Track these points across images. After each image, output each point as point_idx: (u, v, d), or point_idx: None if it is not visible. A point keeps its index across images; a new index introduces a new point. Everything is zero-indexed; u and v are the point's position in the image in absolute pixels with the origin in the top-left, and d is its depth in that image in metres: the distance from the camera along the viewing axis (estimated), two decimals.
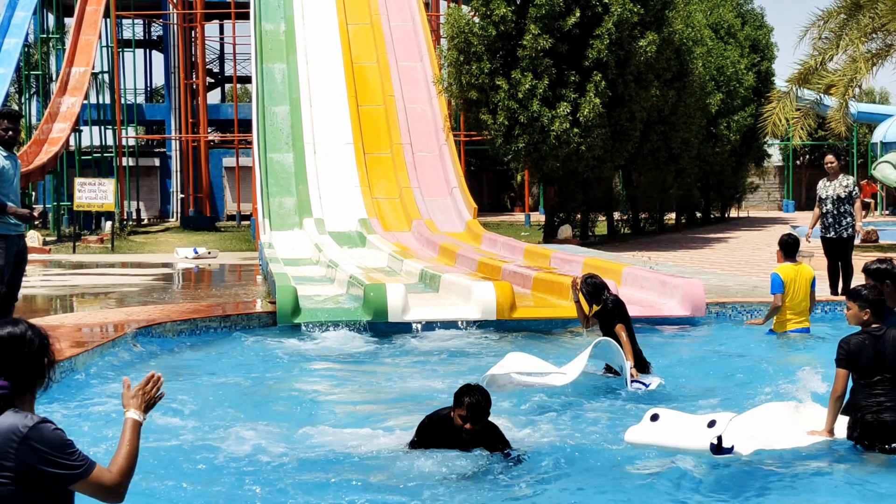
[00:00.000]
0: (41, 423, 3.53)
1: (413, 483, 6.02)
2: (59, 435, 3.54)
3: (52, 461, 3.48)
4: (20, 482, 3.48)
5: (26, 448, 3.47)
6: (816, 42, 21.94)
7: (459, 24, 26.53)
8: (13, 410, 3.57)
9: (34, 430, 3.50)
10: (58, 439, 3.52)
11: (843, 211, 13.98)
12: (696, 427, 6.14)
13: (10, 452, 3.47)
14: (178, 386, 9.05)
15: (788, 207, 53.37)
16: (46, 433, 3.51)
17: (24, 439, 3.48)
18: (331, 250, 20.46)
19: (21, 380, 3.61)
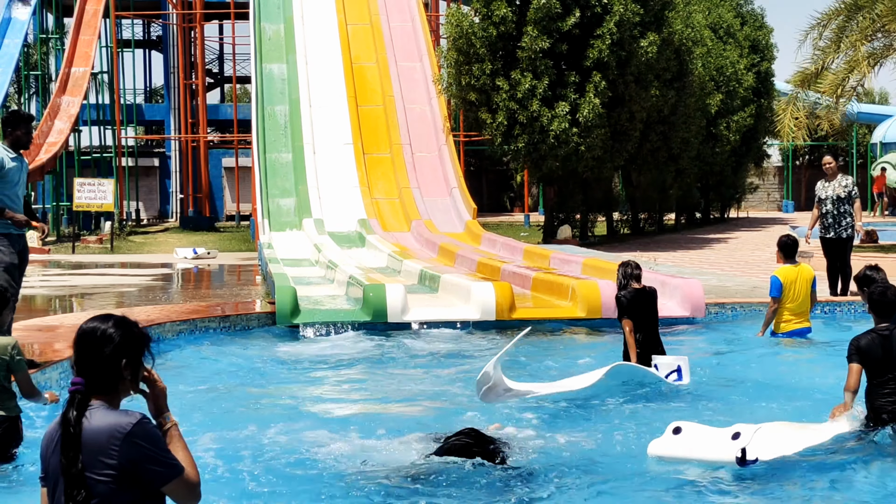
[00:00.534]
0: (143, 421, 3.54)
1: (418, 486, 6.00)
2: (158, 433, 3.56)
3: (153, 458, 3.49)
4: (120, 480, 3.48)
5: (130, 445, 3.47)
6: (817, 41, 21.94)
7: (462, 24, 26.50)
8: (107, 408, 3.56)
9: (138, 427, 3.50)
10: (158, 437, 3.55)
11: (842, 211, 13.98)
12: (720, 439, 6.10)
13: (113, 450, 3.46)
14: (177, 386, 9.05)
15: (788, 208, 53.38)
16: (149, 430, 3.53)
17: (128, 436, 3.47)
18: (330, 251, 20.45)
19: (96, 378, 3.59)
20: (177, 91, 43.30)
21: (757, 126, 39.21)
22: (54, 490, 3.55)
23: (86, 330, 3.61)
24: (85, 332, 3.60)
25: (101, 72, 40.82)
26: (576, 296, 12.70)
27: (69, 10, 40.81)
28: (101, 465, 3.46)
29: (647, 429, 7.08)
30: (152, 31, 51.56)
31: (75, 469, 3.46)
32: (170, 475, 3.52)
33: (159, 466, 3.50)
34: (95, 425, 3.48)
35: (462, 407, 8.07)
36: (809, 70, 22.00)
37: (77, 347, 3.62)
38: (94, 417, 3.51)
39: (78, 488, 3.46)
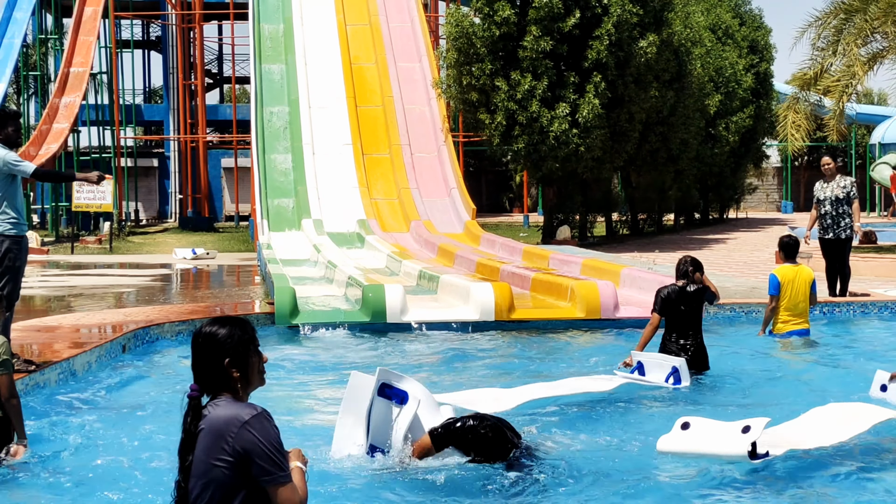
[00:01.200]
0: (263, 416, 3.60)
1: (419, 490, 6.00)
2: (276, 434, 3.60)
3: (264, 454, 3.54)
4: (235, 470, 3.54)
5: (244, 434, 3.53)
6: (816, 42, 21.96)
7: (463, 24, 26.50)
8: (231, 401, 3.65)
9: (256, 420, 3.57)
10: (275, 437, 3.59)
11: (841, 212, 13.98)
12: (730, 433, 6.09)
13: (230, 437, 3.54)
14: (176, 387, 9.05)
15: (787, 208, 53.41)
16: (267, 426, 3.58)
17: (245, 425, 3.54)
18: (329, 251, 20.45)
19: (209, 383, 3.68)
20: (176, 91, 43.30)
21: (756, 127, 39.25)
22: None
23: (201, 336, 3.72)
24: (200, 339, 3.72)
25: (100, 72, 40.82)
26: (575, 296, 12.70)
27: (68, 11, 40.81)
28: (218, 451, 3.55)
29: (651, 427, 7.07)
30: (151, 31, 51.57)
31: (184, 466, 3.62)
32: (276, 478, 3.55)
33: (267, 463, 3.54)
34: (218, 414, 3.59)
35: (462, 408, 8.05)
36: (808, 73, 22.03)
37: (196, 351, 3.73)
38: (219, 407, 3.61)
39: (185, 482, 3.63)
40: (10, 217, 8.53)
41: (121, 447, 6.86)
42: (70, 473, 6.27)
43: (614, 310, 12.45)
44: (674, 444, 6.23)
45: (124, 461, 6.51)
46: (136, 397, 8.52)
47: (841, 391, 8.33)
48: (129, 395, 8.63)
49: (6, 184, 8.56)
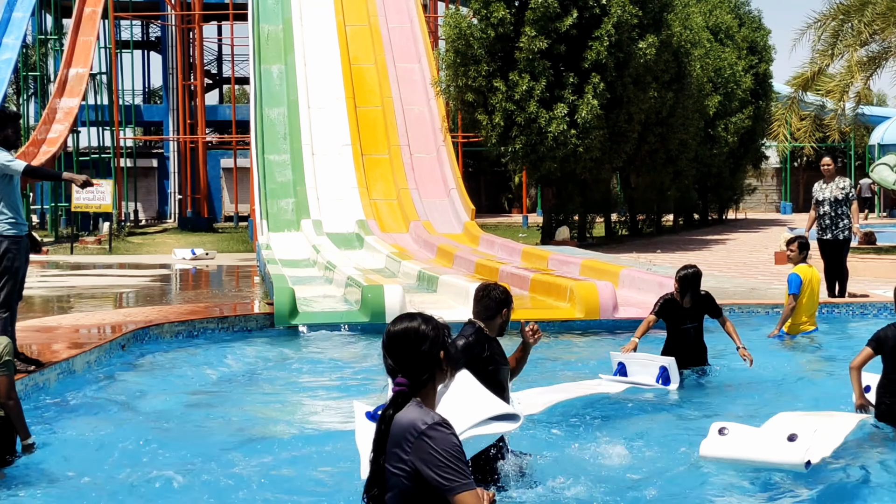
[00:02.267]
0: (441, 425, 3.52)
1: None
2: (454, 441, 3.52)
3: (440, 464, 3.47)
4: (411, 477, 3.50)
5: (421, 444, 3.48)
6: (816, 44, 21.98)
7: (460, 25, 26.51)
8: (417, 405, 3.59)
9: (433, 429, 3.50)
10: (453, 445, 3.51)
11: (840, 213, 13.99)
12: (775, 440, 6.04)
13: (406, 446, 3.50)
14: (176, 388, 9.06)
15: (786, 209, 53.42)
16: (444, 435, 3.50)
17: (421, 435, 3.49)
18: (328, 252, 20.46)
19: (417, 376, 3.63)
20: (175, 92, 43.30)
21: (755, 128, 39.24)
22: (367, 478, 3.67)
23: (403, 330, 3.67)
24: (405, 333, 3.67)
25: (99, 73, 40.81)
26: (574, 297, 12.71)
27: (68, 11, 40.80)
28: (396, 458, 3.53)
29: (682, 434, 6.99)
30: (151, 31, 51.57)
31: (377, 464, 3.58)
32: (451, 486, 3.47)
33: (443, 472, 3.47)
34: (400, 420, 3.55)
35: None
36: (807, 74, 22.03)
37: (395, 349, 3.68)
38: (402, 413, 3.57)
39: (374, 484, 3.58)
40: (8, 217, 8.53)
41: (120, 447, 6.87)
42: (69, 473, 6.27)
43: (613, 310, 12.46)
44: (717, 449, 6.14)
45: (123, 461, 6.52)
46: (136, 397, 8.53)
47: (844, 390, 8.34)
48: (128, 395, 8.63)
49: (3, 184, 8.56)
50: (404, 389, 3.59)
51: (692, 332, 8.96)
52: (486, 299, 6.63)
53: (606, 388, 8.37)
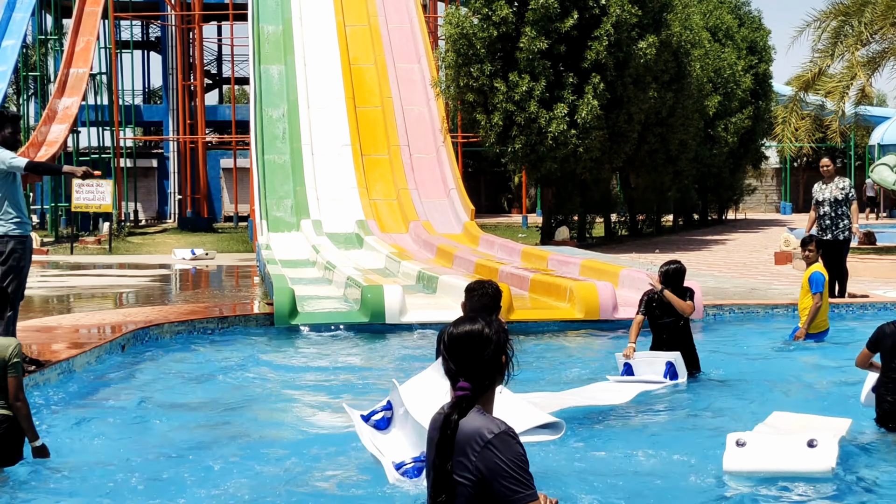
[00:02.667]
0: (507, 434, 3.48)
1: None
2: (519, 450, 3.49)
3: (506, 474, 3.44)
4: (477, 486, 3.47)
5: (487, 454, 3.45)
6: (816, 44, 21.98)
7: (462, 24, 26.51)
8: (479, 412, 3.54)
9: (498, 439, 3.46)
10: (518, 455, 3.47)
11: (840, 213, 14.01)
12: (797, 448, 6.01)
13: (473, 454, 3.46)
14: (176, 388, 9.06)
15: (786, 209, 53.44)
16: (510, 444, 3.47)
17: (488, 444, 3.45)
18: (328, 252, 20.47)
19: (480, 380, 3.58)
20: (175, 92, 43.31)
21: (755, 128, 39.26)
22: (428, 483, 3.63)
23: (466, 333, 3.60)
24: (468, 336, 3.60)
25: (99, 73, 40.81)
26: (574, 297, 12.71)
27: (68, 12, 40.80)
28: (462, 467, 3.48)
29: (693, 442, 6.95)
30: (151, 32, 51.58)
31: (444, 470, 3.52)
32: (515, 497, 3.44)
33: (509, 482, 3.44)
34: (465, 427, 3.50)
35: None
36: (808, 75, 22.03)
37: (457, 352, 3.60)
38: (466, 420, 3.52)
39: (442, 490, 3.52)
40: (13, 217, 8.54)
41: (120, 447, 6.87)
42: (69, 474, 6.27)
43: (613, 311, 12.46)
44: (740, 463, 6.07)
45: (123, 461, 6.52)
46: (135, 398, 8.53)
47: (847, 389, 8.34)
48: (128, 395, 8.64)
49: (7, 183, 8.57)
50: (467, 394, 3.54)
51: (670, 325, 8.92)
52: (483, 297, 6.51)
53: (615, 394, 8.29)
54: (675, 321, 8.96)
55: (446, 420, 3.52)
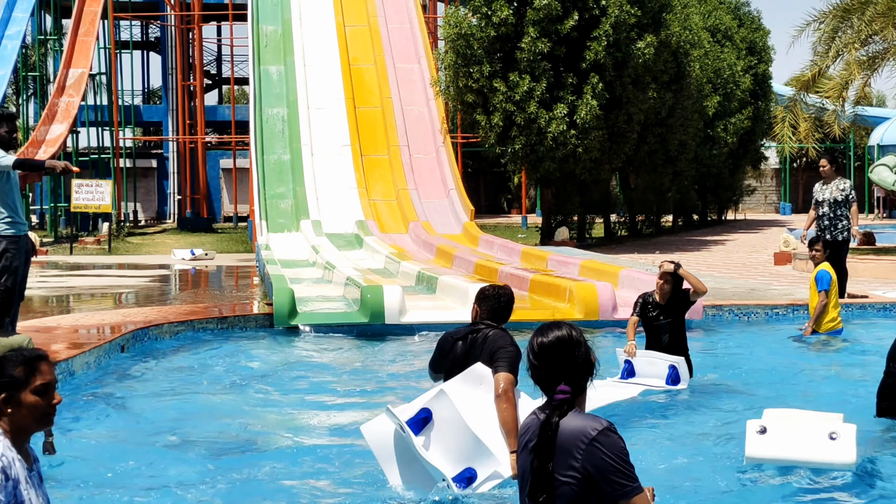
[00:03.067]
0: (610, 430, 3.56)
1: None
2: (622, 445, 3.56)
3: (613, 469, 3.51)
4: (582, 484, 3.53)
5: (592, 451, 3.51)
6: (816, 45, 21.97)
7: (461, 25, 26.51)
8: (577, 412, 3.62)
9: (603, 435, 3.54)
10: (622, 449, 3.55)
11: (839, 214, 14.02)
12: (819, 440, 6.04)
13: (577, 453, 3.52)
14: (175, 388, 9.06)
15: (785, 210, 53.45)
16: (614, 440, 3.55)
17: (593, 442, 3.52)
18: (328, 252, 20.46)
19: (577, 382, 3.66)
20: (175, 92, 43.30)
21: (754, 128, 39.26)
22: (524, 486, 3.67)
23: (558, 339, 3.69)
24: (559, 341, 3.68)
25: (99, 73, 40.81)
26: (573, 297, 12.71)
27: (67, 12, 40.79)
28: (565, 466, 3.54)
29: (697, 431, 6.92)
30: (150, 32, 51.56)
31: (545, 471, 3.57)
32: (624, 491, 3.52)
33: (617, 477, 3.51)
34: (566, 427, 3.57)
35: None
36: (807, 76, 22.03)
37: (550, 358, 3.68)
38: (565, 421, 3.59)
39: (542, 490, 3.57)
40: (5, 217, 8.53)
41: (118, 448, 6.87)
42: (67, 474, 6.27)
43: (613, 311, 12.46)
44: (762, 450, 6.11)
45: (121, 462, 6.52)
46: (135, 398, 8.53)
47: (833, 394, 8.35)
48: (127, 395, 8.64)
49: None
50: (567, 397, 3.62)
51: (665, 328, 8.72)
52: (494, 301, 6.32)
53: (618, 395, 8.29)
54: (671, 322, 8.76)
55: (546, 423, 3.60)
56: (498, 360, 5.81)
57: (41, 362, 3.78)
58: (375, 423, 5.88)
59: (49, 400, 3.81)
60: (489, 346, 5.94)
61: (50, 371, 3.80)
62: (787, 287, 15.92)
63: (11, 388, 3.72)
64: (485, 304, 6.28)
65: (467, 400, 5.67)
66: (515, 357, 5.83)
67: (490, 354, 5.87)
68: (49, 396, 3.81)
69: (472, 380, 5.77)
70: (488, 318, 6.21)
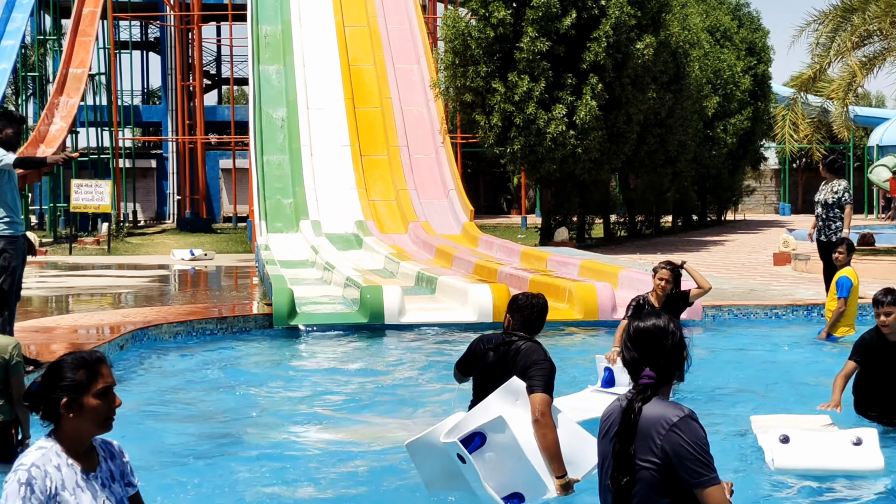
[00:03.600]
0: (691, 418, 3.60)
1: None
2: (702, 434, 3.60)
3: (691, 456, 3.54)
4: (661, 470, 3.57)
5: (672, 437, 3.56)
6: (814, 47, 21.98)
7: (458, 26, 26.52)
8: (660, 399, 3.67)
9: (683, 422, 3.58)
10: (702, 438, 3.59)
11: (831, 216, 14.02)
12: (842, 446, 6.00)
13: (658, 438, 3.57)
14: (174, 389, 9.05)
15: (784, 210, 53.48)
16: (694, 428, 3.59)
17: (673, 428, 3.57)
18: (327, 252, 20.46)
19: (663, 371, 3.71)
20: (174, 92, 43.31)
21: (754, 129, 39.28)
22: (604, 471, 3.74)
23: (654, 326, 3.75)
24: (655, 329, 3.75)
25: (98, 73, 40.82)
26: (573, 298, 12.71)
27: (67, 12, 40.80)
28: (646, 451, 3.59)
29: None
30: (150, 32, 51.57)
31: (627, 455, 3.63)
32: (700, 480, 3.55)
33: (695, 465, 3.55)
34: (647, 414, 3.62)
35: None
36: (807, 75, 22.03)
37: (642, 343, 3.74)
38: (647, 406, 3.64)
39: (624, 473, 3.62)
40: (4, 216, 8.52)
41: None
42: None
43: (612, 311, 12.47)
44: (788, 460, 6.04)
45: None
46: (133, 398, 8.52)
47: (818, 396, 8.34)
48: (125, 396, 8.61)
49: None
50: (652, 382, 3.68)
51: None
52: (527, 311, 6.06)
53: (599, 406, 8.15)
54: None
55: (629, 406, 3.66)
56: (532, 377, 5.61)
57: (101, 365, 3.72)
58: (421, 440, 5.64)
59: (110, 403, 3.72)
60: (522, 361, 5.77)
61: (110, 374, 3.74)
62: (786, 287, 15.92)
63: (74, 391, 3.65)
64: (517, 315, 6.07)
65: (522, 426, 5.54)
66: (550, 373, 5.68)
67: (523, 370, 5.69)
68: (110, 399, 3.72)
69: (510, 396, 5.62)
70: (520, 329, 6.01)
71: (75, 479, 3.64)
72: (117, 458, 3.88)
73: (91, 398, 3.66)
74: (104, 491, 3.73)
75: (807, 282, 16.79)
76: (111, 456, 3.86)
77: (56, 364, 3.72)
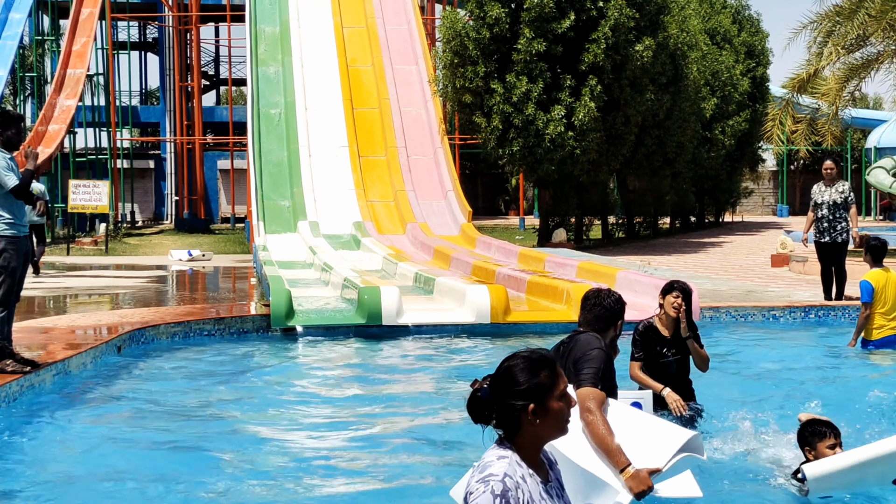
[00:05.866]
0: None
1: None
2: None
3: None
4: None
5: None
6: (811, 46, 21.99)
7: (455, 26, 26.53)
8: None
9: None
10: None
11: (838, 216, 14.03)
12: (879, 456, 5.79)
13: None
14: (172, 389, 9.05)
15: (783, 212, 53.52)
16: None
17: None
18: (325, 253, 20.45)
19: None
20: (172, 93, 43.29)
21: (752, 130, 39.31)
22: None
23: None
24: None
25: (96, 73, 40.80)
26: (571, 299, 12.70)
27: (65, 12, 40.79)
28: None
29: None
30: (148, 33, 51.57)
31: None
32: None
33: None
34: None
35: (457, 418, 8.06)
36: (802, 76, 22.03)
37: None
38: None
39: None
40: (5, 218, 8.53)
41: (115, 449, 6.86)
42: (66, 475, 6.26)
43: None
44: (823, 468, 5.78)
45: (119, 463, 6.51)
46: (131, 399, 8.52)
47: (831, 395, 8.34)
48: (124, 396, 8.62)
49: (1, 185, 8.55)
50: None
51: (674, 365, 7.40)
52: (598, 307, 5.80)
53: None
54: (681, 360, 7.48)
55: None
56: (580, 370, 5.34)
57: (558, 365, 3.47)
58: None
59: (568, 405, 3.46)
60: (574, 354, 5.49)
61: (563, 374, 3.49)
62: (784, 289, 15.92)
63: (540, 395, 3.39)
64: (581, 313, 5.89)
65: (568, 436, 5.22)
66: (598, 362, 5.36)
67: (574, 363, 5.44)
68: (568, 401, 3.46)
69: None
70: (584, 326, 5.82)
71: (539, 491, 3.40)
72: (555, 463, 3.63)
73: (555, 401, 3.43)
74: (560, 499, 3.51)
75: (804, 283, 16.80)
76: (551, 463, 3.60)
77: (510, 368, 3.45)
